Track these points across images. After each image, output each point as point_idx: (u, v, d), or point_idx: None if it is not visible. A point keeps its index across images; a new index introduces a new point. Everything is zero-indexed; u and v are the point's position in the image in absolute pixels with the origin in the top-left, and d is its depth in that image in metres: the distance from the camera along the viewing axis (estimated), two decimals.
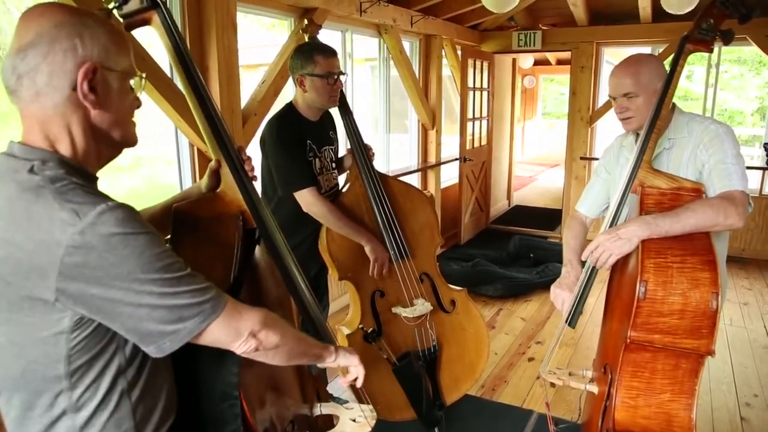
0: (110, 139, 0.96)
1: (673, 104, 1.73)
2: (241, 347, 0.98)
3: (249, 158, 1.32)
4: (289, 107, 2.30)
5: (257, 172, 1.41)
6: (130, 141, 1.00)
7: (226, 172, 1.27)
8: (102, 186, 0.96)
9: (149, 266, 0.85)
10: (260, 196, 1.35)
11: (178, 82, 2.60)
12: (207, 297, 0.92)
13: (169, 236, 1.20)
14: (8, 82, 0.88)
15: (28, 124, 0.90)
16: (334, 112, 2.41)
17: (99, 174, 0.97)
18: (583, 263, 1.70)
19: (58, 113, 0.89)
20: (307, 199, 2.19)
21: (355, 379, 1.35)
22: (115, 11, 1.15)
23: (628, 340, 1.43)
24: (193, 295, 0.90)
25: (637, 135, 1.79)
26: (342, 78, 2.23)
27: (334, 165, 2.43)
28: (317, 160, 2.30)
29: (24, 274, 0.82)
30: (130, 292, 0.84)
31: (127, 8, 1.15)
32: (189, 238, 1.20)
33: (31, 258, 0.81)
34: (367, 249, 2.26)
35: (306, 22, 2.48)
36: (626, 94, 1.71)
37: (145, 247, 0.85)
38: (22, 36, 0.86)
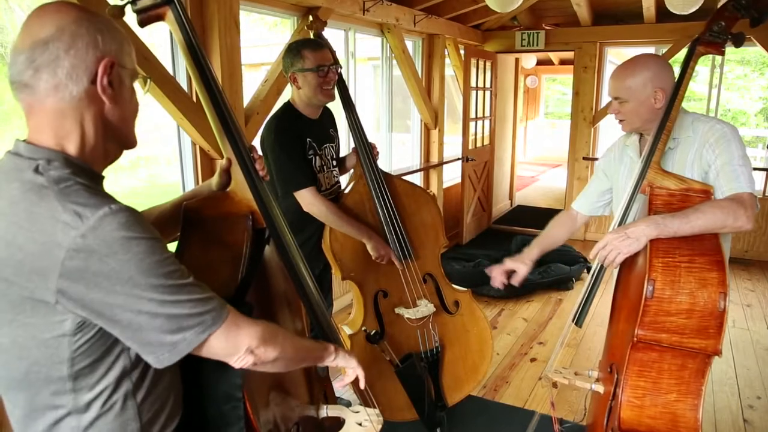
0: (119, 135, 0.96)
1: None
2: (238, 362, 0.96)
3: (260, 157, 1.31)
4: (288, 106, 2.29)
5: None
6: (133, 141, 1.01)
7: (237, 171, 1.26)
8: (104, 185, 0.95)
9: (151, 272, 0.84)
10: None
11: (182, 80, 2.64)
12: (208, 308, 0.90)
13: (178, 234, 1.19)
14: (21, 76, 0.86)
15: (37, 120, 0.89)
16: (338, 111, 2.40)
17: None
18: (546, 258, 1.71)
19: (73, 107, 0.89)
20: (306, 199, 2.18)
21: (356, 381, 1.33)
22: (129, 6, 1.15)
23: (635, 339, 1.42)
24: (194, 305, 0.89)
25: (640, 134, 1.78)
26: (336, 69, 2.20)
27: (334, 163, 2.42)
28: (317, 157, 2.29)
29: (26, 275, 0.82)
30: (131, 298, 0.83)
31: (141, 3, 1.15)
32: (198, 236, 1.19)
33: (32, 260, 0.81)
34: (369, 246, 2.26)
35: (311, 18, 2.47)
36: (617, 98, 1.70)
37: (147, 253, 0.84)
38: (38, 30, 0.86)
